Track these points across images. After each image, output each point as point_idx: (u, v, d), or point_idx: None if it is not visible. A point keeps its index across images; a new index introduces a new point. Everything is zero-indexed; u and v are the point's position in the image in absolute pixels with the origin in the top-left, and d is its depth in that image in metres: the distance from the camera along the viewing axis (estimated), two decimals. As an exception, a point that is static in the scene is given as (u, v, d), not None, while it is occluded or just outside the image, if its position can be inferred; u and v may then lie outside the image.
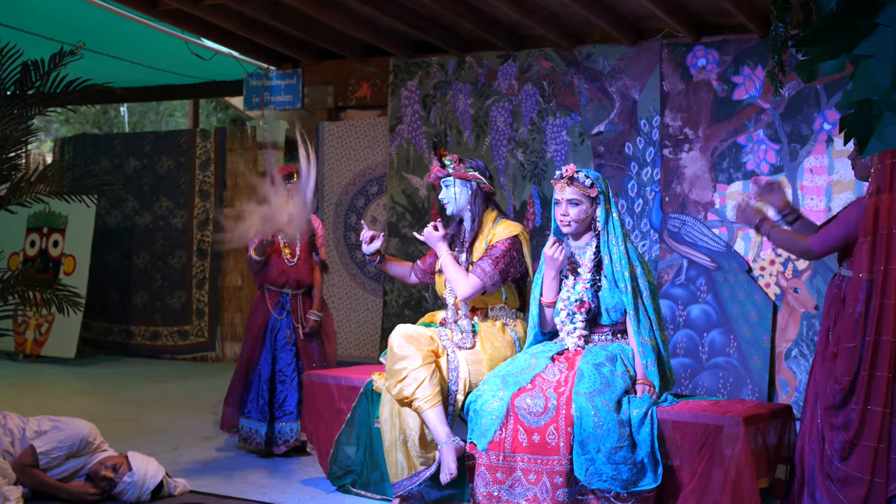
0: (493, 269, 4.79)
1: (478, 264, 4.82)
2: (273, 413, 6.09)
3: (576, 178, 4.53)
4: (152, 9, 8.17)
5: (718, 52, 7.40)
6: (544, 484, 4.24)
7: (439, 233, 4.94)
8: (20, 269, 10.03)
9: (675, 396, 4.54)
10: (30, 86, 5.37)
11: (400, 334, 4.74)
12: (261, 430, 6.06)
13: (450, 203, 4.99)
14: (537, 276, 4.73)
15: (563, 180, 4.56)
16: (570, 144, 7.93)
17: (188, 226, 10.51)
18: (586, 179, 4.53)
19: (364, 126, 9.34)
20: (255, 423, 6.08)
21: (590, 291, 4.53)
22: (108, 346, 10.84)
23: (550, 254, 4.55)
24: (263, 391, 6.10)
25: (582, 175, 4.54)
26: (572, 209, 4.54)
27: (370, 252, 5.19)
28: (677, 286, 7.43)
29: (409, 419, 4.65)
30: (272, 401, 6.10)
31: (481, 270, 4.78)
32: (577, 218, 4.55)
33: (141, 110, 18.61)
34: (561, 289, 4.61)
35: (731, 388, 7.17)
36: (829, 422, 4.19)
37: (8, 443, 4.88)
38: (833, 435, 4.15)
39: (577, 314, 4.54)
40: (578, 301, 4.54)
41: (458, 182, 4.96)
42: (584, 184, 4.53)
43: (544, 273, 4.62)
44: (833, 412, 4.18)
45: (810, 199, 7.05)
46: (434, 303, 8.30)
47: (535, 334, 4.71)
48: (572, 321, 4.56)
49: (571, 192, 4.53)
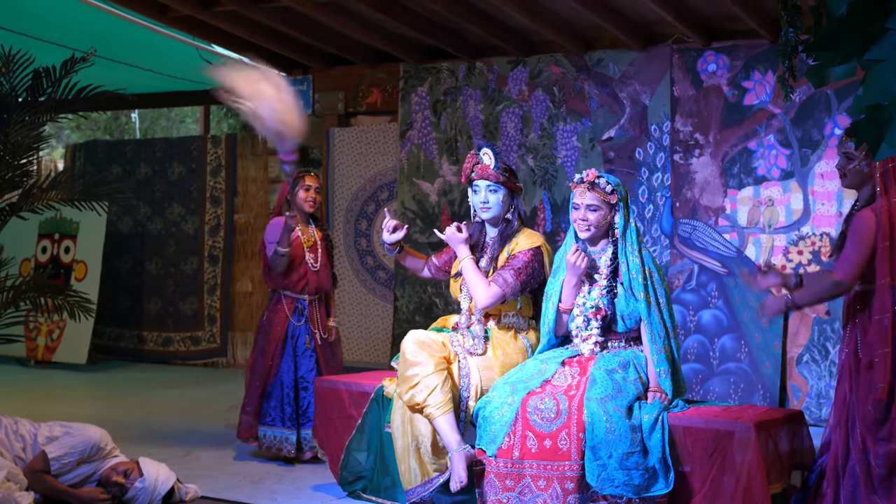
0: (515, 280, 4.76)
1: (500, 273, 4.77)
2: (298, 420, 6.07)
3: (597, 184, 4.50)
4: (163, 15, 8.19)
5: (729, 57, 7.39)
6: (555, 490, 4.23)
7: (463, 234, 4.88)
8: (32, 276, 10.06)
9: (686, 402, 4.53)
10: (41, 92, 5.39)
11: (412, 340, 4.72)
12: (291, 437, 6.03)
13: (492, 209, 4.88)
14: (552, 280, 4.71)
15: (583, 185, 4.52)
16: (581, 150, 7.93)
17: (200, 232, 10.53)
18: (607, 185, 4.50)
19: (374, 132, 9.35)
20: (284, 430, 6.05)
21: (606, 298, 4.52)
22: (120, 352, 10.85)
23: (573, 261, 4.50)
24: (290, 398, 6.09)
25: (603, 181, 4.51)
26: (591, 214, 4.52)
27: (392, 241, 5.06)
28: (688, 291, 7.42)
29: (421, 426, 4.64)
30: (297, 408, 6.09)
31: (503, 280, 4.75)
32: (596, 223, 4.53)
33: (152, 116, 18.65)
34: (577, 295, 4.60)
35: (742, 394, 7.14)
36: (874, 437, 4.11)
37: (20, 448, 4.89)
38: (878, 448, 4.08)
39: (593, 321, 4.53)
40: (594, 308, 4.52)
41: (504, 190, 4.93)
42: (604, 189, 4.50)
43: (565, 279, 4.58)
44: (877, 426, 4.10)
45: (821, 204, 7.03)
46: (445, 309, 8.30)
47: (549, 339, 4.69)
48: (587, 328, 4.55)
49: (592, 198, 4.50)
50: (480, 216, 4.96)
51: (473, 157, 4.93)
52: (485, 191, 4.89)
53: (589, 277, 4.58)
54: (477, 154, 4.93)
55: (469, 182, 4.95)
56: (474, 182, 4.91)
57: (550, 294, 4.68)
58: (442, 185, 8.55)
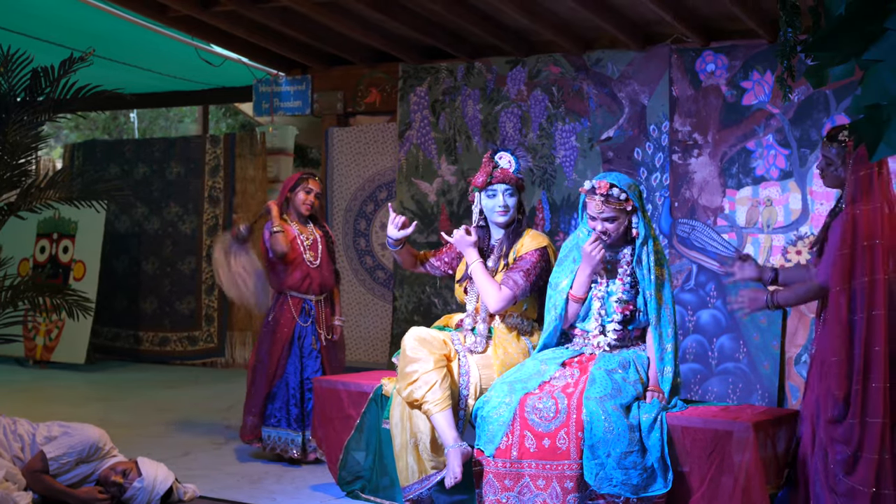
0: (525, 282, 4.76)
1: (510, 276, 4.77)
2: (304, 421, 6.07)
3: (611, 195, 4.45)
4: (162, 15, 8.19)
5: (727, 57, 7.39)
6: (554, 489, 4.23)
7: (471, 238, 4.86)
8: (30, 275, 10.07)
9: (685, 402, 4.53)
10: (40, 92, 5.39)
11: (413, 337, 4.73)
12: (297, 439, 6.02)
13: (510, 212, 4.89)
14: (557, 270, 4.69)
15: (597, 197, 4.47)
16: (580, 150, 7.93)
17: (197, 231, 10.52)
18: (621, 194, 4.46)
19: (373, 132, 9.36)
20: (289, 432, 6.04)
21: (630, 293, 4.52)
22: (117, 352, 10.84)
23: (589, 251, 4.48)
24: (297, 400, 6.07)
25: (616, 190, 4.45)
26: (609, 225, 4.50)
27: (398, 237, 5.01)
28: (687, 291, 7.42)
29: (420, 422, 4.65)
30: (303, 409, 6.08)
31: (513, 283, 4.75)
32: (615, 231, 4.52)
33: (150, 116, 18.66)
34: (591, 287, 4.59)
35: (740, 394, 7.15)
36: (830, 435, 4.15)
37: (18, 448, 4.89)
38: (835, 449, 4.11)
39: (617, 314, 4.52)
40: (621, 302, 4.51)
41: (517, 192, 4.92)
42: (619, 198, 4.47)
43: (580, 268, 4.55)
44: (833, 426, 4.14)
45: (820, 204, 7.03)
46: (444, 309, 8.30)
47: (556, 326, 4.65)
48: (609, 320, 4.53)
49: (609, 211, 4.47)
50: (496, 220, 4.92)
51: (490, 162, 4.90)
52: (503, 195, 4.87)
53: (609, 271, 4.57)
54: (493, 158, 4.91)
55: (485, 186, 4.92)
56: (491, 186, 4.89)
57: (557, 282, 4.66)
58: (440, 185, 8.55)
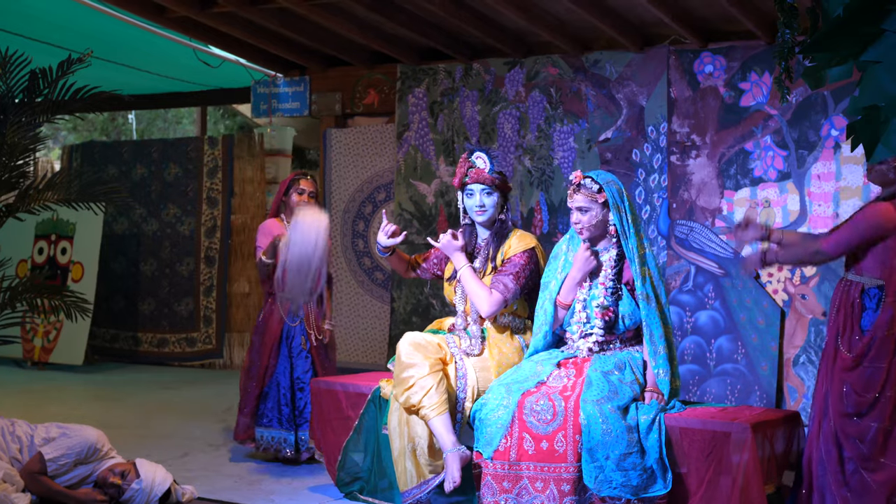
0: (515, 285, 4.77)
1: (499, 279, 4.78)
2: (296, 421, 6.07)
3: (583, 185, 4.53)
4: (160, 16, 8.18)
5: (725, 58, 7.39)
6: (552, 492, 4.24)
7: (458, 242, 4.89)
8: (28, 277, 10.06)
9: (683, 403, 4.54)
10: (38, 93, 5.39)
11: (408, 342, 4.73)
12: (289, 438, 6.02)
13: (488, 211, 4.92)
14: (548, 271, 4.72)
15: (571, 187, 4.57)
16: (578, 151, 7.93)
17: (196, 233, 10.52)
18: (593, 185, 4.52)
19: (371, 133, 9.35)
20: (281, 431, 6.04)
21: (611, 298, 4.52)
22: (115, 353, 10.84)
23: (583, 258, 4.54)
24: (287, 399, 6.08)
25: (589, 181, 4.53)
26: (582, 216, 4.54)
27: (387, 245, 5.04)
28: (685, 293, 7.42)
29: (417, 427, 4.65)
30: (294, 409, 6.08)
31: (503, 286, 4.75)
32: (588, 224, 4.54)
33: (149, 118, 18.64)
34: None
35: (738, 395, 7.15)
36: (844, 430, 4.14)
37: (16, 449, 4.89)
38: (850, 444, 4.11)
39: (598, 320, 4.53)
40: (602, 307, 4.52)
41: (498, 193, 4.94)
42: (591, 189, 4.52)
43: (570, 274, 4.59)
44: (848, 420, 4.13)
45: (818, 205, 7.03)
46: (442, 310, 8.30)
47: (545, 333, 4.68)
48: (591, 325, 4.55)
49: (580, 200, 4.54)
50: (475, 219, 4.98)
51: (466, 162, 4.95)
52: (480, 194, 4.91)
53: (591, 275, 4.59)
54: (469, 158, 4.95)
55: (462, 186, 4.96)
56: (468, 186, 4.94)
57: (546, 282, 4.68)
58: (439, 187, 8.55)
